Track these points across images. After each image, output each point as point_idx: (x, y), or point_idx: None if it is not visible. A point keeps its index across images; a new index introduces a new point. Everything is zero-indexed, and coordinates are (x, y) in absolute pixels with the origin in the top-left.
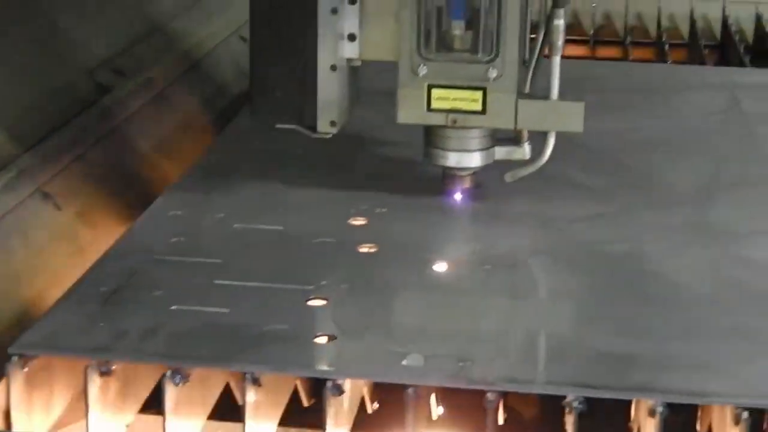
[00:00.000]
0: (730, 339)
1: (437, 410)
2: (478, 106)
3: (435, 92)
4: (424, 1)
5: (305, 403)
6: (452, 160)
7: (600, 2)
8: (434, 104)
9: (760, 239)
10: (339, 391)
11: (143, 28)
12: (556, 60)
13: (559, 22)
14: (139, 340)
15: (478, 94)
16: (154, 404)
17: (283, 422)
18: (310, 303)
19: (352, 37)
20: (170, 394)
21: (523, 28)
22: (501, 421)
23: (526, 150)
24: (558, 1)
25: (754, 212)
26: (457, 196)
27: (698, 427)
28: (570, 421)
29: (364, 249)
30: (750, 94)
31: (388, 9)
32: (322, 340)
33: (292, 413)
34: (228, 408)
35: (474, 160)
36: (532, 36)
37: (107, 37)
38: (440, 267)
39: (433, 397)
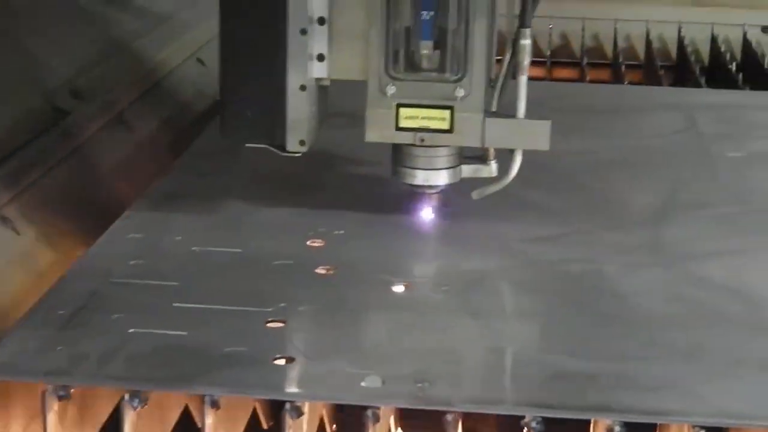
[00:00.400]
0: (687, 358)
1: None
2: (446, 125)
3: (403, 111)
4: (392, 22)
5: (264, 425)
6: (420, 178)
7: (556, 23)
8: (402, 123)
9: (716, 259)
10: (298, 413)
11: (102, 50)
12: (523, 79)
13: (526, 42)
14: (97, 364)
15: (446, 113)
16: (112, 428)
17: None
18: (269, 325)
19: (321, 58)
20: (129, 417)
21: (489, 48)
22: None
23: (493, 168)
24: (524, 21)
25: (711, 233)
26: (426, 214)
27: None
28: None
29: (322, 271)
30: (706, 114)
31: (356, 29)
32: (280, 362)
33: None
34: (187, 431)
35: (441, 178)
36: (498, 58)
37: (66, 59)
38: (398, 288)
39: (392, 418)
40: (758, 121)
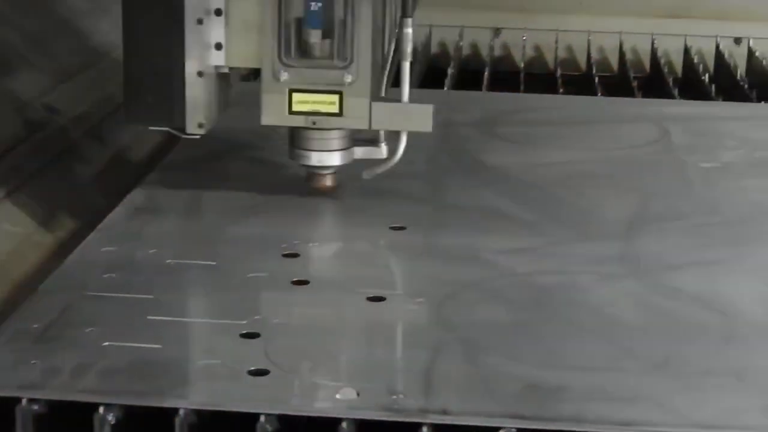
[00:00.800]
0: (660, 368)
1: None
2: (336, 109)
3: (295, 96)
4: (284, 12)
5: None
6: (314, 159)
7: (530, 35)
8: (295, 107)
9: (688, 270)
10: (272, 425)
11: (77, 62)
12: (406, 65)
13: (408, 31)
14: (71, 377)
15: (335, 98)
16: None
17: None
18: (243, 338)
19: (218, 46)
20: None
21: (377, 36)
22: None
23: (383, 150)
24: (406, 11)
25: (684, 243)
26: (320, 192)
27: None
28: None
29: (296, 283)
30: (679, 125)
31: (251, 19)
32: (255, 374)
33: None
34: None
35: (334, 159)
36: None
37: (40, 72)
38: (373, 300)
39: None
40: (731, 132)
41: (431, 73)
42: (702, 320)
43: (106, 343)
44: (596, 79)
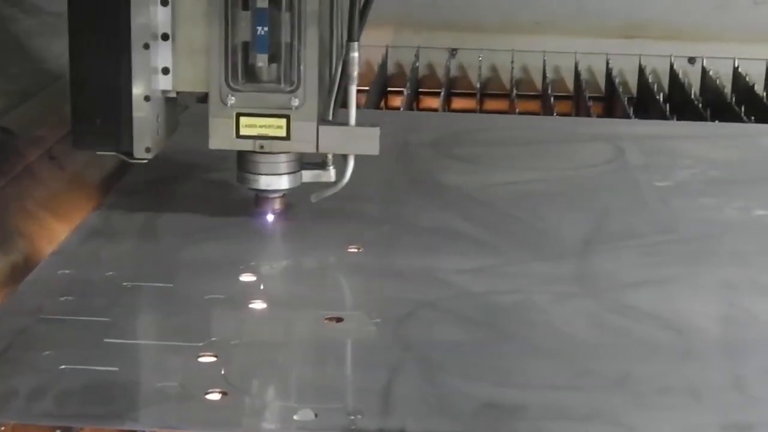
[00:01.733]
0: (615, 386)
1: None
2: (283, 132)
3: (243, 120)
4: (231, 36)
5: None
6: (263, 183)
7: (486, 55)
8: (242, 131)
9: (644, 289)
10: None
11: (32, 84)
12: (352, 89)
13: (354, 55)
14: (28, 400)
15: (283, 121)
16: None
17: None
18: (201, 359)
19: (165, 71)
20: None
21: (323, 61)
22: None
23: (331, 173)
24: (351, 35)
25: (638, 262)
26: (269, 217)
27: None
28: None
29: (254, 305)
30: (634, 144)
31: (198, 44)
32: (213, 396)
33: None
34: None
35: (283, 182)
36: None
37: None
38: (330, 321)
39: None
40: (685, 151)
41: (388, 94)
42: (658, 338)
43: (63, 367)
44: (552, 99)
